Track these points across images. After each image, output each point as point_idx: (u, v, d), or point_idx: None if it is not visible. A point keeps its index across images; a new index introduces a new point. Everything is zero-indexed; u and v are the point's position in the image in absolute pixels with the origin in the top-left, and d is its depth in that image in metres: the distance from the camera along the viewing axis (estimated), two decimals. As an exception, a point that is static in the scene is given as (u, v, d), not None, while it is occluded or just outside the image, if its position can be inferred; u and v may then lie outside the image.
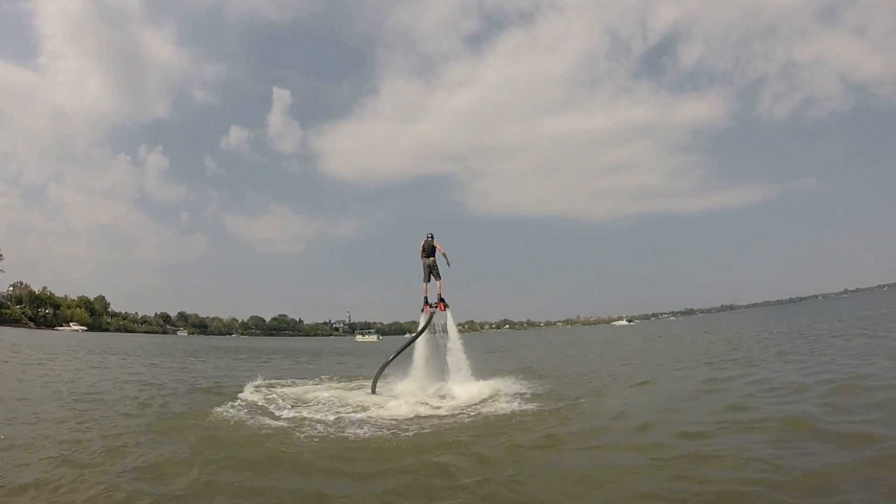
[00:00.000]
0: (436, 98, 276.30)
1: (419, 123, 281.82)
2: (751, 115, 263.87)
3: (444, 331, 14.15)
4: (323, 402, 12.01)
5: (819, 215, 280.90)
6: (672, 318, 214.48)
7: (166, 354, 32.92)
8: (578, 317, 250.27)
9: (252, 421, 9.55)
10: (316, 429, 8.86)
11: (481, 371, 14.50)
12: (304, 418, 9.76)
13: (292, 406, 11.25)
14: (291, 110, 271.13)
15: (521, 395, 12.07)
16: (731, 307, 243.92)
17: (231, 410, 10.43)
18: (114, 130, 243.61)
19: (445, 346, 13.87)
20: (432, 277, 14.16)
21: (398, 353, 13.97)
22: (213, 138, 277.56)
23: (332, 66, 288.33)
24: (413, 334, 14.54)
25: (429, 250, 14.01)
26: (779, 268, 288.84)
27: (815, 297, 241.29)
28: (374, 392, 12.93)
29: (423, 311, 14.20)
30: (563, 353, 28.88)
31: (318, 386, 15.20)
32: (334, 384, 15.67)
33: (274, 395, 12.58)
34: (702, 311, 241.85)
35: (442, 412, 10.47)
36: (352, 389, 14.07)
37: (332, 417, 9.94)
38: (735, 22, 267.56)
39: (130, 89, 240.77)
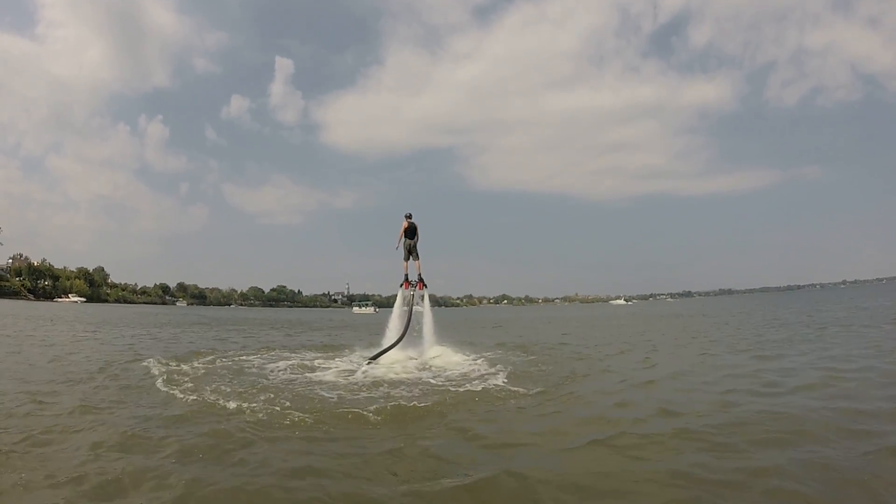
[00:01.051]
0: (441, 70, 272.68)
1: (423, 96, 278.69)
2: (758, 101, 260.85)
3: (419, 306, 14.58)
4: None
5: (821, 204, 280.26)
6: (670, 299, 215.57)
7: (148, 325, 31.85)
8: (577, 294, 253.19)
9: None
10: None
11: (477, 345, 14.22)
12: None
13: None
14: (294, 80, 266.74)
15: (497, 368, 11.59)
16: (730, 291, 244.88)
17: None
18: (113, 100, 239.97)
19: (420, 322, 14.24)
20: (411, 257, 14.61)
21: (404, 333, 13.56)
22: (214, 108, 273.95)
23: (336, 35, 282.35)
24: (402, 308, 14.66)
25: (411, 232, 14.49)
26: (778, 255, 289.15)
27: (814, 285, 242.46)
28: (371, 361, 12.34)
29: (402, 286, 14.66)
30: (563, 331, 28.16)
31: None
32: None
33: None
34: (700, 294, 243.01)
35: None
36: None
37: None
38: (747, 4, 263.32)
39: (130, 58, 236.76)
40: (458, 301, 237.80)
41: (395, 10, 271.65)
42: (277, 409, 7.37)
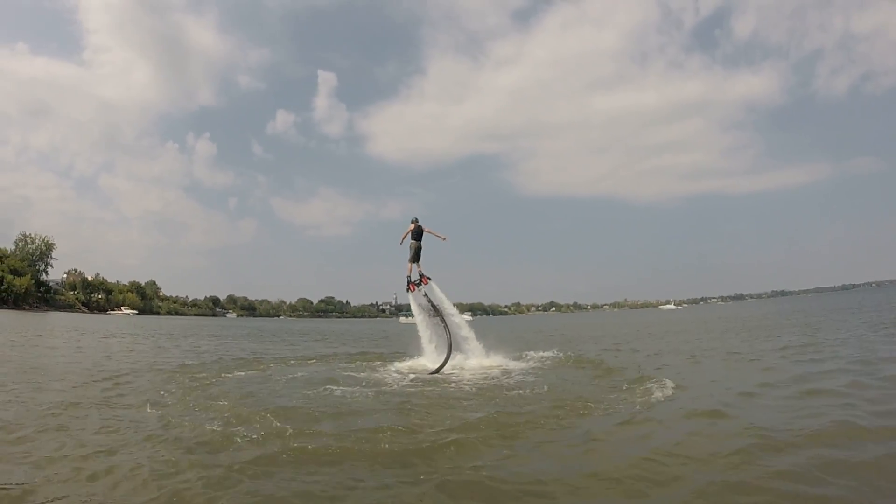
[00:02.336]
0: (483, 76, 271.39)
1: (467, 103, 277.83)
2: (806, 91, 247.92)
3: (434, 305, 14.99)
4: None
5: (876, 198, 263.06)
6: (721, 302, 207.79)
7: (180, 336, 32.43)
8: (626, 300, 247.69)
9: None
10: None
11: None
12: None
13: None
14: (337, 93, 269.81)
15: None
16: (783, 293, 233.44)
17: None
18: (161, 119, 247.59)
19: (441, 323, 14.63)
20: (416, 260, 15.14)
21: (450, 347, 13.93)
22: (260, 123, 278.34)
23: (377, 46, 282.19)
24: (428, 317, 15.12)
25: (417, 234, 15.01)
26: (832, 253, 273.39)
27: (870, 284, 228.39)
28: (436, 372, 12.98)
29: (409, 290, 15.19)
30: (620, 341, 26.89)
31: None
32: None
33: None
34: (752, 297, 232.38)
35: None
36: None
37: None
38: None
39: (176, 78, 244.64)
40: (505, 309, 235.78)
41: (435, 18, 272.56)
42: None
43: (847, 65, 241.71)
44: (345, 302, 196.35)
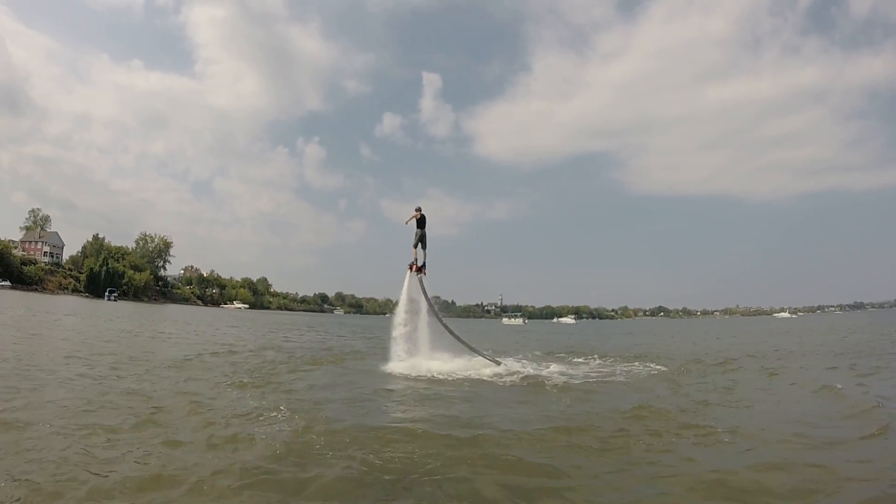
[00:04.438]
0: (590, 71, 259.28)
1: (574, 99, 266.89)
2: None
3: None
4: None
5: None
6: (839, 311, 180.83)
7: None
8: (737, 306, 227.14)
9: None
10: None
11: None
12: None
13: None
14: (442, 94, 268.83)
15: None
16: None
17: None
18: (271, 125, 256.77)
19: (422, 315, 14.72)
20: (421, 245, 15.22)
21: (458, 336, 14.73)
22: (367, 126, 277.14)
23: (480, 45, 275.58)
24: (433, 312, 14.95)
25: (421, 222, 15.15)
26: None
27: None
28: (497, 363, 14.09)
29: (410, 268, 15.19)
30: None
31: None
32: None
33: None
34: (873, 306, 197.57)
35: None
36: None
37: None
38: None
39: (283, 85, 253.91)
40: (612, 313, 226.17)
41: (538, 14, 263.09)
42: None
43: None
44: (450, 302, 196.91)
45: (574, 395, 9.69)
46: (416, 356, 13.91)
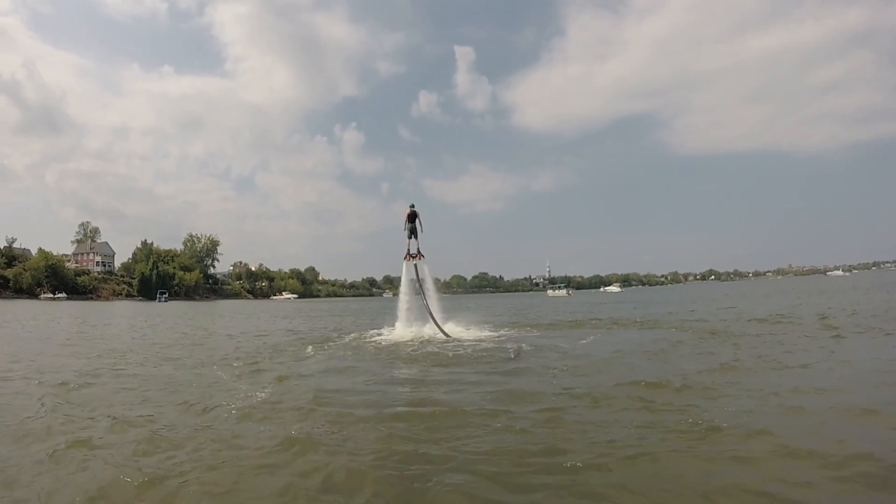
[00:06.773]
0: (626, 29, 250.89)
1: (612, 59, 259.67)
2: None
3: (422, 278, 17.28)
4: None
5: None
6: (895, 268, 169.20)
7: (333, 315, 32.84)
8: (790, 266, 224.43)
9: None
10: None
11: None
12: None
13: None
14: (477, 66, 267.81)
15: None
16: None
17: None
18: (307, 115, 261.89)
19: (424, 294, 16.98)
20: (413, 236, 17.44)
21: (430, 311, 16.62)
22: (404, 107, 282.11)
23: (511, 13, 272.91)
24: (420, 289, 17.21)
25: (412, 217, 17.47)
26: None
27: None
28: (445, 335, 15.53)
29: (405, 259, 17.53)
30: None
31: None
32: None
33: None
34: None
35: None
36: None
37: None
38: None
39: (315, 74, 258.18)
40: (662, 279, 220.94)
41: None
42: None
43: None
44: (498, 277, 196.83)
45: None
46: (415, 325, 17.04)
